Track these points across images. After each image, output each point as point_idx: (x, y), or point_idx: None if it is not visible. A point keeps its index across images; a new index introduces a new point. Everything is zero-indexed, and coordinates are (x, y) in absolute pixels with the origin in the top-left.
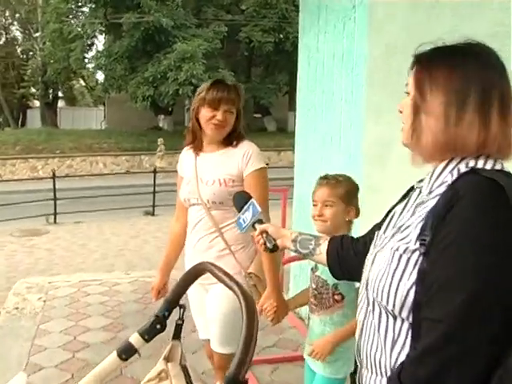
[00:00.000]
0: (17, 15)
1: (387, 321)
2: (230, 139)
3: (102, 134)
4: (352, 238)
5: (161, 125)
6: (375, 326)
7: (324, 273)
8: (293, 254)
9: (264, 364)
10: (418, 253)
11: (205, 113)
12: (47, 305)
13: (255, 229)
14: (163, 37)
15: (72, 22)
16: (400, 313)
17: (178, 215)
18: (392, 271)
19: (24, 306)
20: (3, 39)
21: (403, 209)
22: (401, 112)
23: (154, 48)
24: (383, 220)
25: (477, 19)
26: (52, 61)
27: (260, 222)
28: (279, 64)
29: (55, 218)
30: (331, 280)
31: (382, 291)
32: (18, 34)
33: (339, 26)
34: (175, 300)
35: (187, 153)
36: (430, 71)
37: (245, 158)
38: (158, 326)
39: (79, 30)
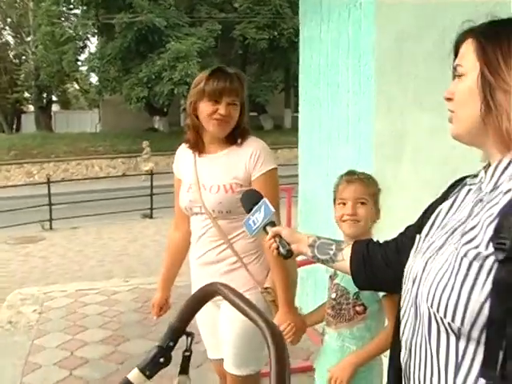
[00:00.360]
0: (8, 20)
1: (448, 340)
2: (233, 137)
3: (97, 136)
4: (378, 242)
5: (156, 126)
6: (431, 346)
7: (344, 280)
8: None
9: None
10: (492, 259)
11: (205, 107)
12: (42, 317)
13: (267, 232)
14: (156, 37)
15: (64, 24)
16: (470, 332)
17: (177, 223)
18: (460, 282)
19: (18, 320)
20: None
21: (450, 207)
22: (449, 99)
23: (148, 48)
24: (421, 221)
25: None
26: (45, 64)
27: (272, 224)
28: (274, 61)
29: (51, 224)
30: (352, 288)
31: (446, 306)
32: (10, 39)
33: (344, 13)
34: (181, 328)
35: (185, 152)
36: (499, 43)
37: (252, 158)
38: (162, 360)
39: (71, 32)
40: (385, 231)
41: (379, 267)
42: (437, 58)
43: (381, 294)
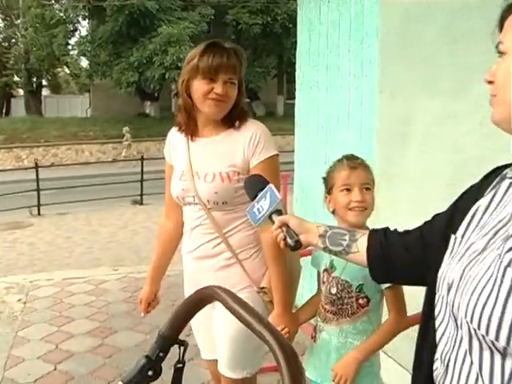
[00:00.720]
0: None
1: (492, 359)
2: (230, 119)
3: (87, 121)
4: (397, 230)
5: (147, 111)
6: (473, 364)
7: (345, 273)
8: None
9: (269, 372)
10: None
11: (199, 86)
12: (27, 307)
13: (273, 221)
14: (148, 20)
15: (54, 7)
16: None
17: (167, 212)
18: (504, 296)
19: (2, 310)
20: None
21: (489, 204)
22: (490, 82)
23: (139, 32)
24: (452, 214)
25: None
26: (35, 48)
27: (279, 212)
28: (267, 47)
29: (39, 210)
30: (355, 281)
31: (488, 323)
32: None
33: None
34: (173, 336)
35: (177, 136)
36: None
37: (252, 143)
38: (150, 372)
39: (62, 15)
40: (387, 221)
41: (399, 258)
42: (445, 41)
43: (384, 285)
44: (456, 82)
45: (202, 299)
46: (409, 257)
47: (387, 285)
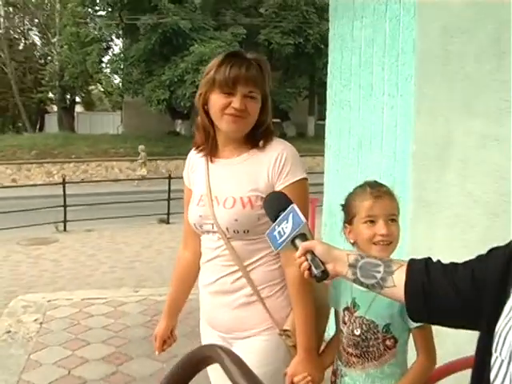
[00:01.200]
0: (35, 20)
1: None
2: (253, 138)
3: (118, 138)
4: (440, 263)
5: (178, 129)
6: None
7: (370, 312)
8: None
9: None
10: None
11: (216, 100)
12: (43, 328)
13: (296, 247)
14: (181, 39)
15: (89, 25)
16: None
17: (186, 241)
18: None
19: (17, 330)
20: (22, 44)
21: None
22: None
23: (171, 51)
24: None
25: None
26: (69, 65)
27: (303, 237)
28: (299, 67)
29: (65, 226)
30: (382, 320)
31: None
32: (37, 39)
33: (380, 7)
34: None
35: (196, 158)
36: None
37: (277, 165)
38: None
39: (96, 33)
40: (424, 252)
41: (444, 299)
42: (491, 56)
43: (412, 323)
44: (500, 102)
45: (200, 360)
46: (456, 298)
47: (417, 324)
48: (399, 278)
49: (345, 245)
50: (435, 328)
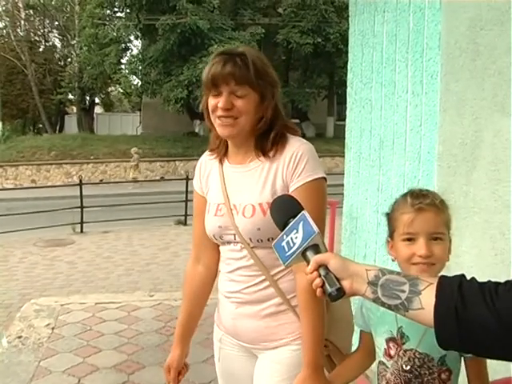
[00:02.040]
0: (55, 23)
1: None
2: (264, 143)
3: (136, 139)
4: (476, 282)
5: (196, 130)
6: None
7: (423, 344)
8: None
9: None
10: None
11: (209, 102)
12: (54, 334)
13: (307, 260)
14: (199, 39)
15: (107, 26)
16: None
17: (197, 255)
18: None
19: (28, 335)
20: (42, 47)
21: None
22: None
23: (190, 51)
24: None
25: None
26: (88, 66)
27: (315, 249)
28: (318, 67)
29: (82, 227)
30: (437, 352)
31: None
32: (57, 42)
33: (403, 0)
34: None
35: (209, 163)
36: None
37: (292, 162)
38: None
39: (114, 34)
40: (450, 261)
41: (483, 327)
42: None
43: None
44: None
45: None
46: (497, 326)
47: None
48: (427, 299)
49: (366, 250)
50: None
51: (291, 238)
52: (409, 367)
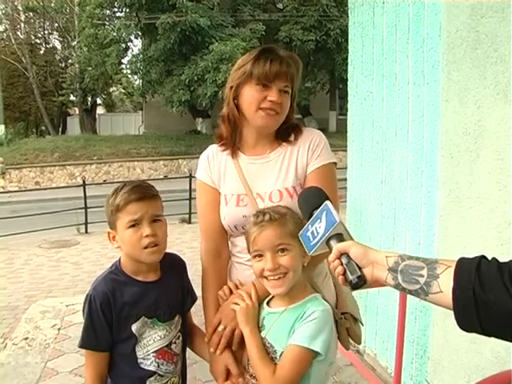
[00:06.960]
0: (55, 25)
1: None
2: (285, 133)
3: (139, 139)
4: (497, 262)
5: (199, 128)
6: None
7: None
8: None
9: None
10: None
11: (251, 93)
12: (61, 334)
13: (330, 248)
14: (200, 37)
15: (107, 27)
16: None
17: (216, 247)
18: None
19: (35, 337)
20: (43, 49)
21: None
22: None
23: (191, 50)
24: None
25: None
26: (89, 67)
27: (339, 237)
28: (319, 63)
29: (86, 228)
30: None
31: None
32: (57, 43)
33: None
34: None
35: (220, 155)
36: None
37: (311, 148)
38: None
39: (114, 34)
40: (455, 251)
41: (502, 307)
42: None
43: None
44: None
45: None
46: None
47: None
48: (446, 282)
49: (371, 242)
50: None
51: (315, 228)
52: None
